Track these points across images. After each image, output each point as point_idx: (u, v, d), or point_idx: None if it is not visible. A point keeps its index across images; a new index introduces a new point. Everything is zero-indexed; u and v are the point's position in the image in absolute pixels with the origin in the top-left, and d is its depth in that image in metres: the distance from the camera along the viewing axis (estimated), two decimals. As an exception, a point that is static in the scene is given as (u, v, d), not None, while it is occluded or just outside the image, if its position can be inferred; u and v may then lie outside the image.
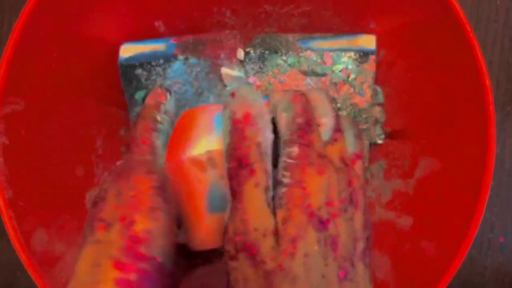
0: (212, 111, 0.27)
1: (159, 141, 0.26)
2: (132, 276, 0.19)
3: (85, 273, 0.20)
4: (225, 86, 0.38)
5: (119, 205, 0.21)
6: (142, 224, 0.20)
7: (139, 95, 0.36)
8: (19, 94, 0.31)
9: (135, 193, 0.21)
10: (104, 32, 0.36)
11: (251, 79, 0.38)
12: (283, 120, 0.22)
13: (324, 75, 0.38)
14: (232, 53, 0.37)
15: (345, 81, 0.37)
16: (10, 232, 0.30)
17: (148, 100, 0.29)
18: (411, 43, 0.36)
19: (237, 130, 0.21)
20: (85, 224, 0.22)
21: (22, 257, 0.30)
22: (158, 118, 0.27)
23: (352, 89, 0.37)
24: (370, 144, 0.39)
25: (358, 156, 0.25)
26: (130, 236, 0.20)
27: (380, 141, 0.39)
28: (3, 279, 0.46)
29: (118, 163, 0.38)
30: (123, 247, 0.20)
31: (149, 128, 0.26)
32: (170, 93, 0.29)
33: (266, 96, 0.25)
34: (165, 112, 0.28)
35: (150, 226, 0.20)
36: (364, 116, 0.38)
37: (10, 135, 0.31)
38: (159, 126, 0.27)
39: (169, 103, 0.29)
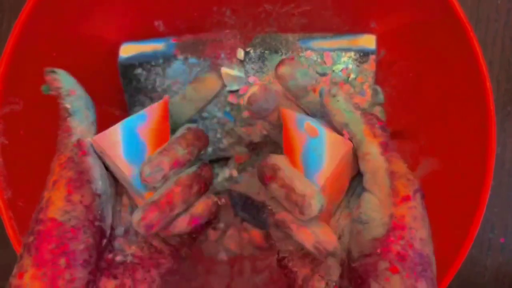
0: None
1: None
2: (30, 239, 0.21)
3: None
4: (225, 86, 0.38)
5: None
6: (46, 195, 0.23)
7: None
8: (18, 94, 0.31)
9: (52, 168, 0.24)
10: (104, 32, 0.36)
11: (251, 79, 0.38)
12: None
13: (324, 75, 0.38)
14: (232, 53, 0.37)
15: (345, 81, 0.37)
16: (10, 232, 0.30)
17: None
18: (411, 43, 0.35)
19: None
20: None
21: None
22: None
23: (352, 89, 0.37)
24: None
25: None
26: (37, 209, 0.23)
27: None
28: (3, 280, 0.45)
29: None
30: (33, 220, 0.22)
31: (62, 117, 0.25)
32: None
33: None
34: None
35: (49, 194, 0.23)
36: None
37: (9, 135, 0.31)
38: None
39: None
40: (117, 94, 0.38)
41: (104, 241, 0.24)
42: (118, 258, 0.24)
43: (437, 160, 0.34)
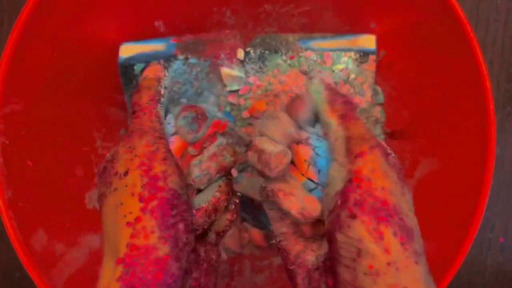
0: None
1: (162, 112, 0.29)
2: (154, 203, 0.23)
3: (111, 215, 0.23)
4: (225, 86, 0.38)
5: (135, 156, 0.24)
6: (159, 168, 0.24)
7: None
8: (19, 94, 0.31)
9: (151, 148, 0.25)
10: (104, 32, 0.36)
11: (251, 79, 0.38)
12: None
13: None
14: (232, 53, 0.37)
15: (345, 81, 0.37)
16: (10, 232, 0.30)
17: (147, 73, 0.32)
18: (411, 43, 0.35)
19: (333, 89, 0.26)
20: (99, 187, 0.25)
21: (22, 257, 0.30)
22: (161, 90, 0.30)
23: (352, 89, 0.37)
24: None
25: None
26: (151, 176, 0.23)
27: (380, 141, 0.39)
28: (3, 279, 0.46)
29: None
30: (143, 185, 0.23)
31: (154, 99, 0.29)
32: (167, 70, 0.32)
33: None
34: (164, 87, 0.31)
35: (165, 168, 0.24)
36: (364, 116, 0.38)
37: (10, 135, 0.31)
38: (161, 99, 0.29)
39: (167, 79, 0.32)
40: (117, 94, 0.38)
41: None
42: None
43: (437, 160, 0.34)
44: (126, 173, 0.24)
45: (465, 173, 0.32)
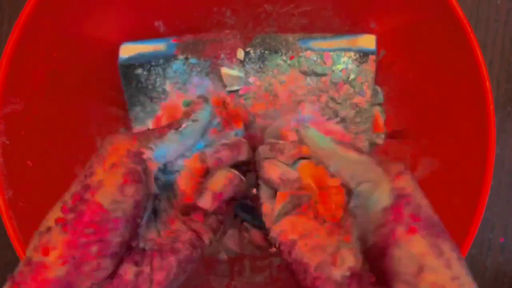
0: None
1: (173, 136, 0.26)
2: (70, 216, 0.20)
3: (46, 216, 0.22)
4: (225, 86, 0.38)
5: (93, 159, 0.23)
6: (98, 176, 0.21)
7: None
8: (19, 94, 0.31)
9: (110, 149, 0.22)
10: (104, 32, 0.36)
11: (251, 79, 0.38)
12: None
13: (324, 75, 0.38)
14: (232, 53, 0.37)
15: (345, 81, 0.37)
16: (10, 232, 0.30)
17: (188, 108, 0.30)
18: (411, 43, 0.35)
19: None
20: None
21: (22, 257, 0.30)
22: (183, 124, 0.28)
23: (352, 89, 0.37)
24: (370, 144, 0.39)
25: None
26: (84, 185, 0.21)
27: (380, 141, 0.39)
28: (3, 278, 0.45)
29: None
30: (73, 193, 0.21)
31: (175, 124, 0.27)
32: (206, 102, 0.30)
33: None
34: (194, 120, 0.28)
35: (104, 177, 0.21)
36: (364, 116, 0.38)
37: (10, 135, 0.31)
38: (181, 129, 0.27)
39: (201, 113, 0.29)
40: (117, 94, 0.38)
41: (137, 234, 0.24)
42: (140, 244, 0.24)
43: (437, 160, 0.34)
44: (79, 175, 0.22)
45: (465, 173, 0.32)
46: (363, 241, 0.23)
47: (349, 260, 0.23)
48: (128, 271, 0.22)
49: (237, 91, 0.38)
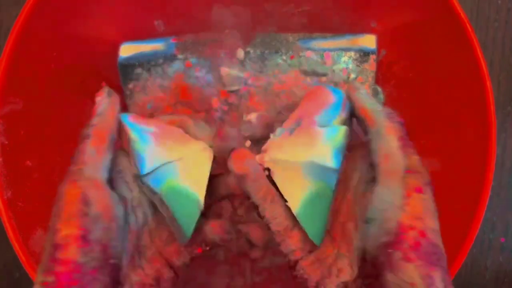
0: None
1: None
2: (50, 279, 0.20)
3: None
4: (225, 86, 0.38)
5: (54, 211, 0.22)
6: (62, 232, 0.21)
7: None
8: (18, 93, 0.31)
9: (62, 203, 0.22)
10: (104, 32, 0.36)
11: (251, 79, 0.38)
12: None
13: (324, 75, 0.37)
14: (232, 53, 0.37)
15: (346, 81, 0.37)
16: (10, 232, 0.30)
17: None
18: (411, 43, 0.35)
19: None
20: None
21: (21, 257, 0.29)
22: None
23: (352, 89, 0.37)
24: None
25: None
26: (53, 244, 0.21)
27: (380, 141, 0.39)
28: (2, 279, 0.45)
29: None
30: (48, 255, 0.21)
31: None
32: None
33: None
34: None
35: (69, 232, 0.21)
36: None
37: (9, 135, 0.31)
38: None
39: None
40: (117, 94, 0.38)
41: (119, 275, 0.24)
42: (125, 287, 0.24)
43: (437, 160, 0.34)
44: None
45: (466, 173, 0.32)
46: (362, 253, 0.23)
47: (345, 273, 0.24)
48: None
49: (237, 91, 0.38)
